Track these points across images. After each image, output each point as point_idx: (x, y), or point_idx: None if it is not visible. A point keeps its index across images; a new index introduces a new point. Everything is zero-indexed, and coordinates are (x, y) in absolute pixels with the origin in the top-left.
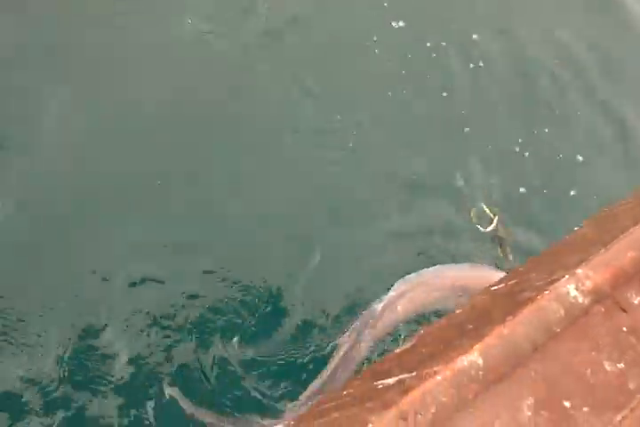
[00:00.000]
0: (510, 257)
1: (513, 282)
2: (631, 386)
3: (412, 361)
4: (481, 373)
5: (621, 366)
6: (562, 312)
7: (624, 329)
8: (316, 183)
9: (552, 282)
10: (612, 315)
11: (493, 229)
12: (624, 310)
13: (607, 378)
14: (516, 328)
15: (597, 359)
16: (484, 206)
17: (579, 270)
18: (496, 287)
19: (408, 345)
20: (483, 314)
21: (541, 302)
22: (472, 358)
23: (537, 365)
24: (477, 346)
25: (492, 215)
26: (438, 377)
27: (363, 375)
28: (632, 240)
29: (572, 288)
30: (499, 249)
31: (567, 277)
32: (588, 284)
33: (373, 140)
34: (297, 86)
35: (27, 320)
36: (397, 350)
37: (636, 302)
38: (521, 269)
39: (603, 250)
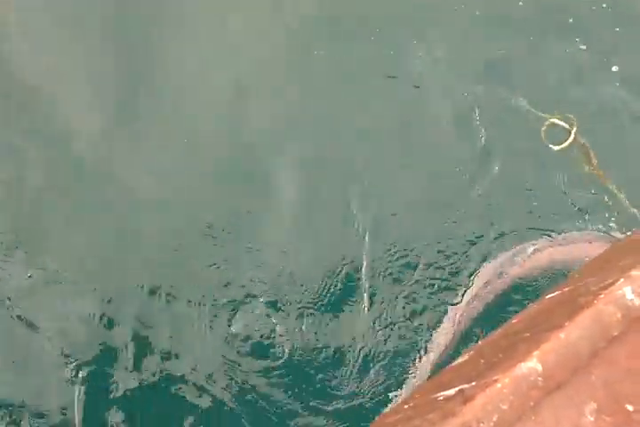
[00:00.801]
0: (598, 167)
1: (569, 289)
2: None
3: (472, 372)
4: (540, 379)
5: None
6: (619, 315)
7: None
8: None
9: (608, 286)
10: None
11: (571, 143)
12: None
13: None
14: (573, 333)
15: None
16: (556, 120)
17: (634, 273)
18: (552, 295)
19: (466, 357)
20: (540, 322)
21: (598, 306)
22: (531, 365)
23: (596, 369)
24: (536, 352)
25: (568, 127)
26: (498, 385)
27: (423, 389)
28: None
29: (629, 291)
30: (585, 163)
31: (622, 280)
32: None
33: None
34: None
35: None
36: (456, 363)
37: None
38: (576, 275)
39: None
